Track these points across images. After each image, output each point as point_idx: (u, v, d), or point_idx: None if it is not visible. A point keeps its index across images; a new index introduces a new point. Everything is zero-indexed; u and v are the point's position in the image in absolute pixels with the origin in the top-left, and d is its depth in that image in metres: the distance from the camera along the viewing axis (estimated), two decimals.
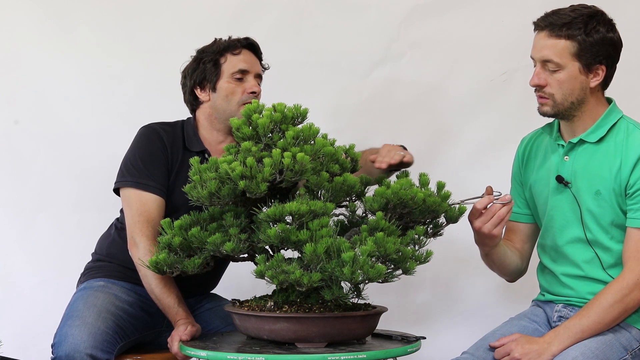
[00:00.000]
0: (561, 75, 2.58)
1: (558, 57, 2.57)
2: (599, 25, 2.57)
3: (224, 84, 2.93)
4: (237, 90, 2.93)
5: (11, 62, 3.61)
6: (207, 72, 2.94)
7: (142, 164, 2.88)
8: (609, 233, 2.62)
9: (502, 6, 3.62)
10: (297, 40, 3.65)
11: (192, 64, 2.99)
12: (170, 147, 2.93)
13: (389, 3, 3.66)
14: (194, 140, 2.97)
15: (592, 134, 2.63)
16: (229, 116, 2.88)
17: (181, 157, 2.94)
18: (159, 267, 2.44)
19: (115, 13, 3.61)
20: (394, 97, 3.69)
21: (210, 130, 2.99)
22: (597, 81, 2.60)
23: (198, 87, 2.96)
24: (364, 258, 2.26)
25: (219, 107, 2.94)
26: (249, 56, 2.98)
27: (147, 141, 2.93)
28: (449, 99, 3.66)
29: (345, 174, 2.48)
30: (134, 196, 2.86)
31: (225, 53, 2.95)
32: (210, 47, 2.98)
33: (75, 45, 3.60)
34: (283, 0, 3.66)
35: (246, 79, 2.95)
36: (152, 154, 2.90)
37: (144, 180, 2.86)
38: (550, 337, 2.55)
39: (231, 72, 2.93)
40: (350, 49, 3.65)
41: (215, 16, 3.65)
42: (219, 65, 2.94)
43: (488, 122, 3.65)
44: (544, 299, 2.79)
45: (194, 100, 2.98)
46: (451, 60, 3.65)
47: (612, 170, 2.60)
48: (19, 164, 3.61)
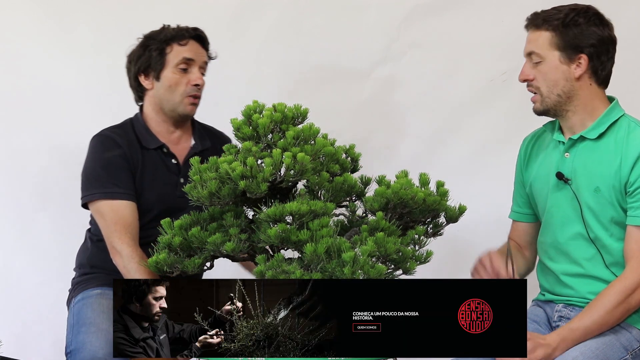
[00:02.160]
0: (543, 66, 2.65)
1: (539, 49, 2.65)
2: (578, 17, 2.63)
3: (169, 74, 2.93)
4: (181, 82, 2.93)
5: (11, 62, 3.61)
6: (152, 60, 2.93)
7: (105, 173, 2.86)
8: (609, 230, 2.62)
9: (502, 6, 3.62)
10: (297, 40, 3.65)
11: (138, 50, 2.97)
12: (128, 150, 2.91)
13: (389, 3, 3.66)
14: (148, 138, 2.96)
15: (592, 131, 2.65)
16: (173, 107, 2.92)
17: (142, 157, 2.93)
18: (159, 267, 2.44)
19: (115, 13, 3.61)
20: (394, 97, 3.69)
21: (159, 122, 2.98)
22: (581, 71, 2.63)
23: (142, 74, 2.96)
24: (364, 258, 2.26)
25: (162, 97, 2.95)
26: (196, 47, 2.97)
27: (103, 149, 2.91)
28: (449, 99, 3.67)
29: (345, 174, 2.48)
30: (105, 207, 2.84)
31: (172, 42, 2.94)
32: (157, 34, 2.97)
33: (75, 45, 3.61)
34: (283, 0, 3.66)
35: (190, 70, 2.94)
36: (112, 160, 2.88)
37: (111, 189, 2.84)
38: (554, 340, 2.54)
39: (175, 63, 2.93)
40: (350, 49, 3.65)
41: (215, 16, 3.65)
42: (164, 54, 2.93)
43: (488, 122, 3.65)
44: (544, 299, 2.79)
45: (138, 86, 2.98)
46: (451, 60, 3.65)
47: (612, 167, 2.60)
48: (19, 164, 3.61)
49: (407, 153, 3.64)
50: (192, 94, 2.94)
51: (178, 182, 2.96)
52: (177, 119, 2.99)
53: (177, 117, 2.97)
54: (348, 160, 2.54)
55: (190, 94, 2.93)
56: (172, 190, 2.95)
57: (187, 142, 3.03)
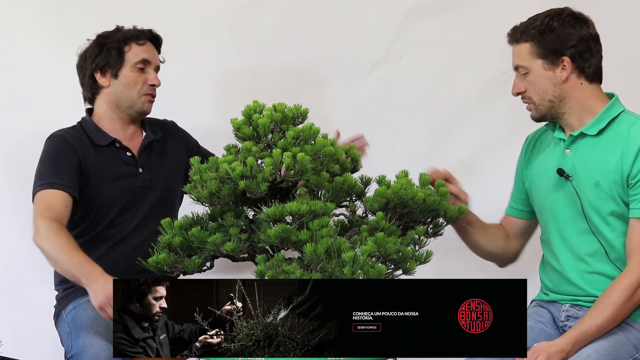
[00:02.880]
0: (531, 76, 2.69)
1: (523, 61, 2.69)
2: (552, 21, 2.65)
3: (127, 72, 3.00)
4: (139, 80, 3.00)
5: (11, 62, 3.61)
6: (110, 59, 3.00)
7: (50, 168, 2.90)
8: (610, 225, 2.63)
9: (502, 6, 3.62)
10: (297, 40, 3.65)
11: (93, 48, 3.03)
12: (79, 147, 2.95)
13: (389, 3, 3.66)
14: (99, 135, 3.01)
15: (592, 127, 2.66)
16: (131, 104, 3.00)
17: (95, 155, 2.97)
18: (159, 267, 2.44)
19: (115, 14, 3.60)
20: (394, 97, 3.69)
21: (113, 119, 3.04)
22: (567, 73, 2.65)
23: (99, 71, 3.01)
24: (364, 258, 2.26)
25: (119, 95, 3.01)
26: (151, 48, 3.05)
27: (52, 147, 2.96)
28: (449, 99, 3.66)
29: (345, 174, 2.48)
30: (39, 196, 2.86)
31: (130, 42, 3.01)
32: (114, 34, 3.03)
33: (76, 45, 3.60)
34: (283, 1, 3.66)
35: (147, 70, 3.02)
36: (58, 156, 2.92)
37: (50, 180, 2.87)
38: (567, 343, 2.52)
39: (134, 62, 3.00)
40: (350, 49, 3.65)
41: (215, 16, 3.64)
42: (122, 53, 3.00)
43: (488, 122, 3.65)
44: (547, 299, 2.79)
45: (93, 84, 3.03)
46: (451, 60, 3.65)
47: (613, 161, 2.61)
48: (19, 164, 3.60)
49: (407, 153, 3.64)
50: (149, 93, 3.02)
51: (137, 172, 3.01)
52: (134, 116, 3.05)
53: (134, 114, 3.04)
54: (348, 160, 2.54)
55: (147, 93, 3.01)
56: (132, 182, 3.00)
57: (139, 137, 3.09)
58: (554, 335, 2.70)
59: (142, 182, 3.01)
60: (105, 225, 2.97)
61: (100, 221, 2.97)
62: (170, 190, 3.06)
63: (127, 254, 2.89)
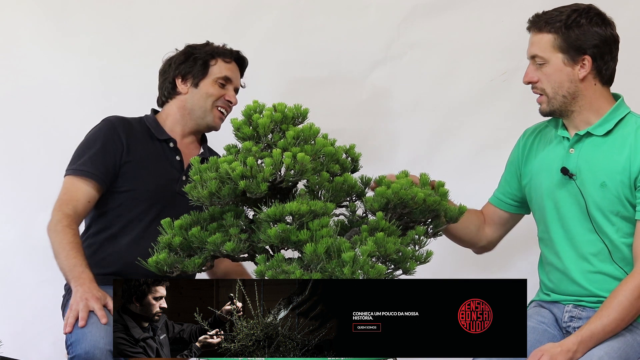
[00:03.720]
0: (547, 68, 2.65)
1: (542, 51, 2.65)
2: (580, 18, 2.63)
3: (208, 84, 3.04)
4: (217, 94, 3.05)
5: (11, 63, 3.61)
6: (195, 68, 3.05)
7: (87, 153, 2.92)
8: (615, 225, 2.63)
9: (502, 6, 3.62)
10: (297, 40, 3.65)
11: (180, 56, 3.08)
12: (127, 137, 2.97)
13: (389, 3, 3.66)
14: (158, 129, 3.04)
15: (599, 127, 2.65)
16: (201, 114, 3.04)
17: (146, 147, 2.99)
18: (159, 267, 2.44)
19: (115, 14, 3.61)
20: (394, 97, 3.69)
21: (176, 124, 3.07)
22: (585, 72, 2.64)
23: (181, 78, 3.06)
24: (364, 258, 2.26)
25: (195, 103, 3.04)
26: (236, 68, 3.11)
27: (99, 132, 2.98)
28: (449, 99, 3.66)
29: (345, 174, 2.48)
30: (68, 181, 2.92)
31: (217, 57, 3.07)
32: (203, 46, 3.09)
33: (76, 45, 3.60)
34: (283, 0, 3.66)
35: (227, 88, 3.07)
36: (101, 143, 2.94)
37: (83, 167, 2.91)
38: (572, 343, 2.52)
39: (217, 76, 3.05)
40: (350, 49, 3.65)
41: (215, 16, 3.65)
42: (208, 65, 3.05)
43: (488, 122, 3.65)
44: (549, 299, 2.78)
45: (171, 89, 3.06)
46: (451, 60, 3.65)
47: (620, 163, 2.61)
48: (19, 164, 3.60)
49: (407, 153, 3.64)
50: (223, 107, 3.06)
51: (180, 179, 3.01)
52: (201, 128, 3.08)
53: (203, 125, 3.07)
54: (348, 160, 2.54)
55: (221, 106, 3.05)
56: (171, 185, 3.00)
57: (195, 150, 3.12)
58: (557, 336, 2.69)
59: (181, 190, 2.99)
60: (132, 217, 2.97)
61: (128, 212, 2.97)
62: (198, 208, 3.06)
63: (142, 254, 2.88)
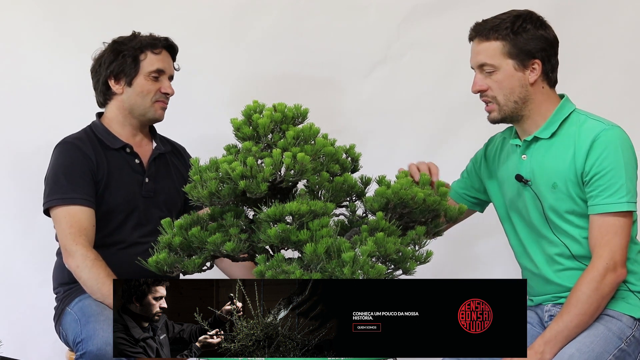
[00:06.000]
0: (498, 75, 2.66)
1: (491, 59, 2.66)
2: (525, 23, 2.64)
3: (141, 80, 2.99)
4: (153, 89, 3.00)
5: (11, 63, 3.61)
6: (125, 66, 2.99)
7: (65, 180, 2.89)
8: (572, 223, 2.64)
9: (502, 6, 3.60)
10: (297, 40, 3.65)
11: (109, 54, 3.01)
12: (92, 153, 2.95)
13: (389, 3, 3.66)
14: (111, 139, 3.01)
15: (545, 130, 2.67)
16: (142, 112, 3.01)
17: (106, 159, 2.97)
18: (159, 267, 2.44)
19: (115, 14, 3.61)
20: (394, 97, 3.69)
21: (124, 125, 3.04)
22: (536, 76, 2.65)
23: (113, 78, 3.01)
24: (364, 258, 2.26)
25: (132, 102, 3.01)
26: (167, 57, 3.05)
27: (64, 156, 2.94)
28: (449, 99, 3.66)
29: (345, 174, 2.48)
30: (62, 212, 2.86)
31: (146, 50, 3.00)
32: (130, 40, 3.02)
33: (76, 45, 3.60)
34: (283, 1, 3.66)
35: (161, 79, 3.02)
36: (73, 167, 2.90)
37: (70, 195, 2.87)
38: (538, 344, 2.54)
39: (149, 70, 3.00)
40: (350, 49, 3.65)
41: (215, 16, 3.65)
42: (138, 61, 2.99)
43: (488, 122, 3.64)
44: (533, 304, 2.80)
45: (106, 90, 3.03)
46: (451, 60, 3.65)
47: (567, 161, 2.63)
48: (19, 164, 3.60)
49: (407, 153, 3.64)
50: (162, 100, 3.03)
51: (143, 182, 3.01)
52: (145, 123, 3.06)
53: (146, 121, 3.05)
54: (348, 160, 2.54)
55: (159, 100, 3.02)
56: (137, 190, 3.00)
57: (148, 145, 3.09)
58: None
59: (146, 193, 3.00)
60: (110, 231, 2.96)
61: (105, 226, 2.95)
62: (169, 205, 3.05)
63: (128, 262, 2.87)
